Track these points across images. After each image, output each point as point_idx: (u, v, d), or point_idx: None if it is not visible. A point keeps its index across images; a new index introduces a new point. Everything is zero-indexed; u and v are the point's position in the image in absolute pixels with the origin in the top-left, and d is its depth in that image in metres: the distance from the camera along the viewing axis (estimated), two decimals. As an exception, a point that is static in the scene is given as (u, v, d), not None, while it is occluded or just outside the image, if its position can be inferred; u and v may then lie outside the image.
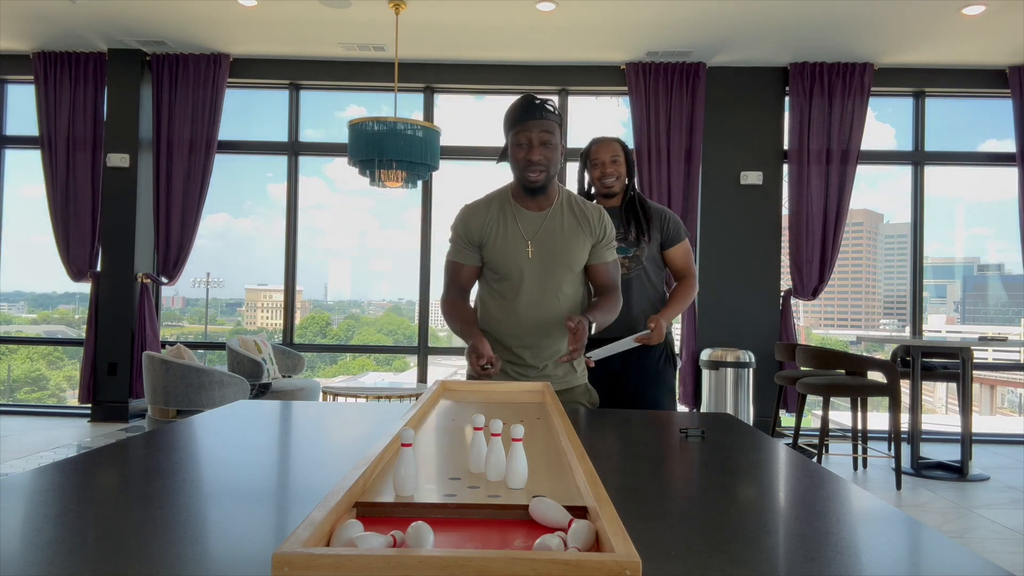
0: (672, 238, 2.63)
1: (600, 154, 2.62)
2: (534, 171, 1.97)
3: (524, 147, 1.97)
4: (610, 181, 2.60)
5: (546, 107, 1.97)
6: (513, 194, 2.10)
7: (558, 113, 2.01)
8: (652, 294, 2.61)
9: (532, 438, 1.23)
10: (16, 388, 7.10)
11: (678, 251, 2.64)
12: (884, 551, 0.83)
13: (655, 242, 2.61)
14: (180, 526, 0.85)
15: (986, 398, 7.44)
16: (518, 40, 5.58)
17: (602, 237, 2.11)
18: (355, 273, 7.39)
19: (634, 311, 2.54)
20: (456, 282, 2.13)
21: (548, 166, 1.99)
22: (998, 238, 6.82)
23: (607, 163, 2.59)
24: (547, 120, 1.96)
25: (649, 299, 2.60)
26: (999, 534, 3.50)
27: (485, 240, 2.07)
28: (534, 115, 1.95)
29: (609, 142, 2.64)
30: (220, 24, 5.41)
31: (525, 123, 1.95)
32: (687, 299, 2.61)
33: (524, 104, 1.98)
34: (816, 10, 4.89)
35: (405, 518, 0.80)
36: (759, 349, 5.74)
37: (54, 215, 6.01)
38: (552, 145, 1.98)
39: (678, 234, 2.64)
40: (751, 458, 1.35)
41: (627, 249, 2.57)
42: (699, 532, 0.87)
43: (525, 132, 1.96)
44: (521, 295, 2.05)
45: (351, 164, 4.62)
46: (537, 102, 1.97)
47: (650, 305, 2.60)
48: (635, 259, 2.58)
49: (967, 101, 6.27)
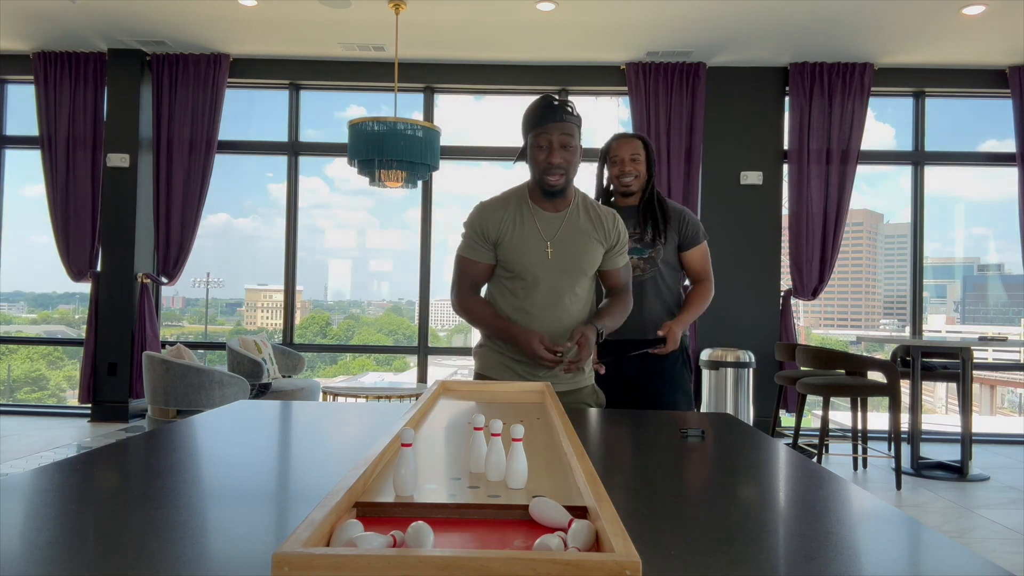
0: (690, 240, 2.55)
1: (620, 151, 2.54)
2: (554, 174, 1.96)
3: (544, 150, 1.95)
4: (628, 180, 2.53)
5: (566, 109, 1.95)
6: (530, 194, 2.08)
7: (578, 115, 1.99)
8: (667, 297, 2.54)
9: (532, 438, 1.23)
10: (16, 388, 7.10)
11: (695, 254, 2.56)
12: (884, 551, 0.83)
13: (672, 244, 2.54)
14: (180, 526, 0.85)
15: (986, 398, 7.43)
16: (518, 40, 5.58)
17: (616, 242, 2.10)
18: (355, 273, 7.39)
19: (648, 314, 2.48)
20: (468, 278, 2.10)
21: (568, 169, 1.97)
22: (998, 238, 6.82)
23: (626, 161, 2.52)
24: (567, 123, 1.93)
25: (664, 302, 2.53)
26: (999, 534, 3.50)
27: (501, 238, 2.04)
28: (554, 117, 1.92)
29: (630, 139, 2.56)
30: (220, 24, 5.41)
31: (545, 125, 1.93)
32: (703, 304, 2.54)
33: (544, 105, 1.95)
34: (816, 10, 4.89)
35: (405, 518, 0.80)
36: (759, 349, 5.74)
37: (54, 215, 6.01)
38: (572, 148, 1.96)
39: (696, 236, 2.55)
40: (751, 458, 1.35)
41: (642, 250, 2.51)
42: (699, 532, 0.87)
43: (545, 135, 1.94)
44: (536, 295, 2.03)
45: (351, 164, 4.62)
46: (557, 103, 1.94)
47: (664, 308, 2.53)
48: (650, 260, 2.51)
49: (967, 101, 6.27)
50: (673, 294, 2.56)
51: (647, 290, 2.50)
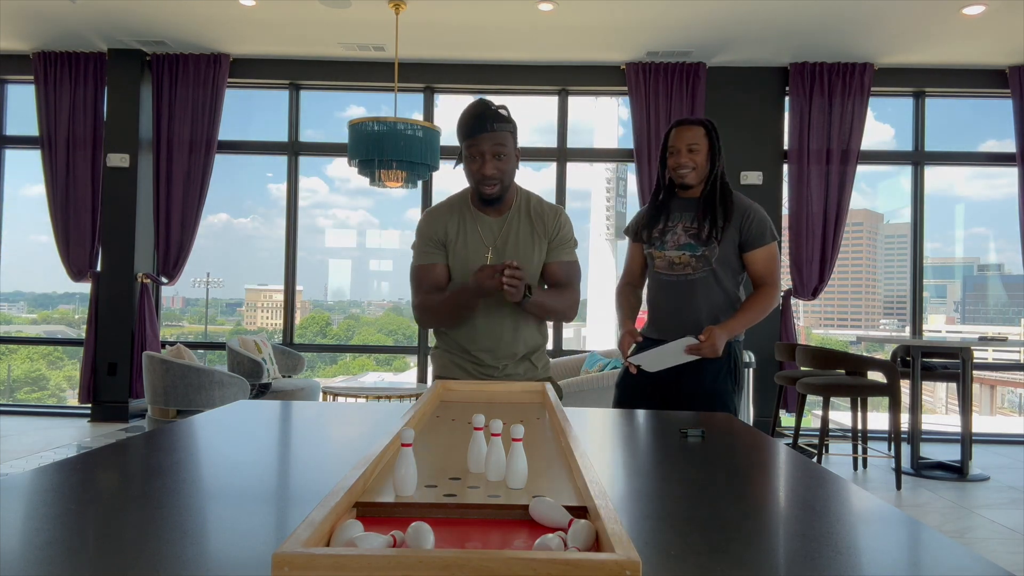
0: (754, 240, 2.30)
1: (678, 141, 2.31)
2: (488, 184, 1.97)
3: (477, 160, 1.95)
4: (684, 172, 2.30)
5: (498, 117, 1.94)
6: (472, 199, 2.10)
7: (510, 120, 1.97)
8: (720, 300, 2.32)
9: (532, 438, 1.23)
10: (16, 388, 7.10)
11: (759, 255, 2.31)
12: (884, 551, 0.83)
13: (731, 242, 2.30)
14: (180, 526, 0.85)
15: (986, 398, 7.44)
16: (518, 40, 5.58)
17: (556, 235, 2.08)
18: (355, 273, 7.40)
19: (693, 316, 2.29)
20: (426, 283, 2.08)
21: (502, 178, 1.98)
22: (998, 238, 6.82)
23: (683, 151, 2.30)
24: (499, 132, 1.93)
25: (715, 305, 2.31)
26: (999, 534, 3.50)
27: (448, 243, 2.07)
28: (485, 128, 1.92)
29: (690, 126, 2.31)
30: (220, 24, 5.41)
31: (476, 137, 1.93)
32: (761, 311, 2.27)
33: (475, 115, 1.94)
34: (816, 10, 4.89)
35: (405, 518, 0.80)
36: (759, 349, 5.74)
37: (54, 215, 6.00)
38: (506, 155, 1.96)
39: (762, 236, 2.30)
40: (751, 458, 1.35)
41: (695, 247, 2.29)
42: (699, 532, 0.87)
43: (476, 146, 1.94)
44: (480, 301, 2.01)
45: (351, 164, 4.62)
46: (487, 112, 1.93)
47: (715, 312, 2.30)
48: (703, 259, 2.29)
49: (967, 101, 6.27)
50: (728, 297, 2.34)
51: (697, 290, 2.30)
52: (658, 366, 2.26)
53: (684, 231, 2.34)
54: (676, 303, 2.35)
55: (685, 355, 2.20)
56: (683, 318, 2.31)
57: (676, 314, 2.34)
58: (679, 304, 2.34)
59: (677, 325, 2.30)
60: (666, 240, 2.36)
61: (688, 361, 2.22)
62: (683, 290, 2.33)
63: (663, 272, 2.38)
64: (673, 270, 2.35)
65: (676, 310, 2.34)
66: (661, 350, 2.22)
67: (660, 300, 2.40)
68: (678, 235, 2.34)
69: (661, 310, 2.40)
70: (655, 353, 2.23)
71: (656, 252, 2.39)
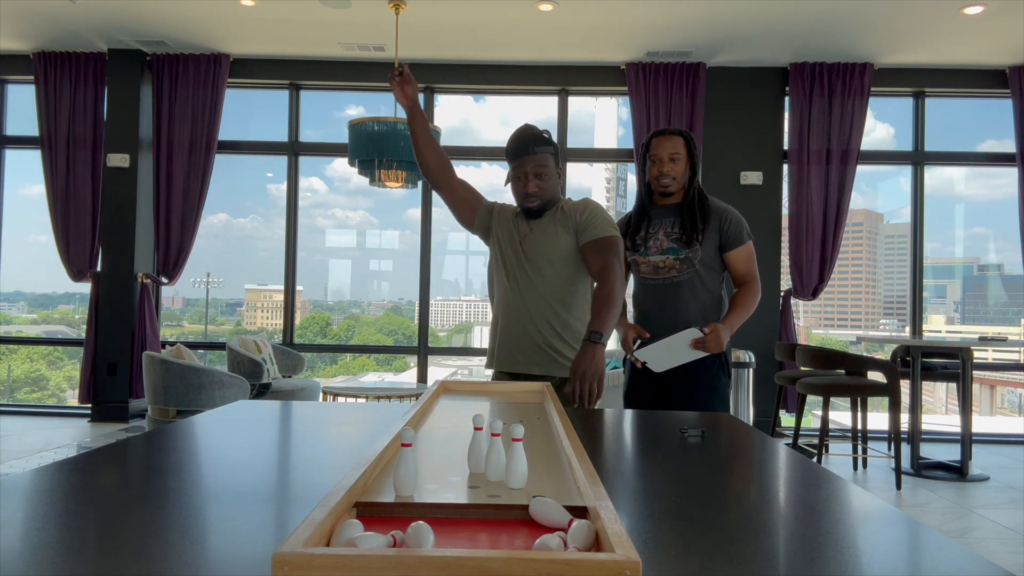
0: (732, 240, 2.43)
1: (659, 150, 2.42)
2: (530, 201, 2.21)
3: (521, 180, 2.20)
4: (667, 182, 2.42)
5: (540, 140, 2.18)
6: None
7: (552, 143, 2.20)
8: (705, 299, 2.44)
9: (532, 438, 1.24)
10: (16, 388, 7.10)
11: (739, 254, 2.45)
12: (884, 551, 0.83)
13: (711, 244, 2.43)
14: (180, 526, 0.85)
15: (986, 398, 7.43)
16: (518, 40, 5.58)
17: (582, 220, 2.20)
18: (355, 273, 7.39)
19: (683, 316, 2.41)
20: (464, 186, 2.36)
21: (542, 195, 2.21)
22: (998, 238, 6.82)
23: (665, 160, 2.41)
24: (540, 155, 2.17)
25: (701, 305, 2.43)
26: (999, 534, 3.50)
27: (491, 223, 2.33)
28: (527, 151, 2.17)
29: (670, 136, 2.43)
30: (220, 24, 5.41)
31: (520, 159, 2.19)
32: (749, 306, 2.42)
33: (519, 139, 2.19)
34: (816, 10, 4.89)
35: (405, 518, 0.80)
36: (759, 349, 5.73)
37: (54, 215, 6.00)
38: (546, 175, 2.19)
39: (739, 236, 2.44)
40: (751, 458, 1.35)
41: (679, 250, 2.42)
42: (699, 532, 0.87)
43: (520, 167, 2.19)
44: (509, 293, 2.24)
45: (351, 164, 4.62)
46: (530, 137, 2.17)
47: (702, 311, 2.43)
48: (687, 261, 2.42)
49: (967, 101, 6.27)
50: (712, 297, 2.46)
51: (682, 292, 2.42)
52: (664, 366, 2.33)
53: (666, 236, 2.45)
54: (663, 306, 2.45)
55: (690, 353, 2.29)
56: (671, 320, 2.40)
57: (664, 316, 2.43)
58: (667, 306, 2.44)
59: (667, 326, 2.37)
60: (649, 246, 2.48)
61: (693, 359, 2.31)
62: (669, 292, 2.43)
63: (648, 277, 2.49)
64: (658, 274, 2.46)
65: (664, 312, 2.44)
66: (667, 342, 2.28)
67: (647, 304, 2.51)
68: (660, 240, 2.46)
69: (649, 313, 2.49)
70: (661, 347, 2.30)
71: (640, 258, 2.50)
